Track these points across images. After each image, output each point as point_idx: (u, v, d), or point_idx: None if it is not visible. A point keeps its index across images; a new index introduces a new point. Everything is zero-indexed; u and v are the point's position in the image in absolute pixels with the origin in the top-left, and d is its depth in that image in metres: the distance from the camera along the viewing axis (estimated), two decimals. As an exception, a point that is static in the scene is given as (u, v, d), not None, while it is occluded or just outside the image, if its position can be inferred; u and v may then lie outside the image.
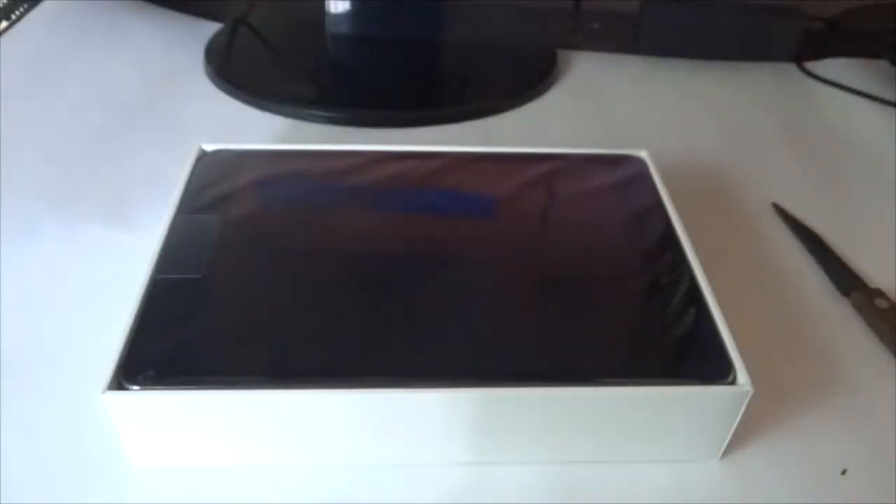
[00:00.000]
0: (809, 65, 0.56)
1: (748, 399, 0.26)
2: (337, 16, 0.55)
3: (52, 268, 0.36)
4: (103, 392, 0.24)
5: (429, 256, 0.30)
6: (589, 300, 0.28)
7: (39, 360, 0.31)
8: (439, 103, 0.47)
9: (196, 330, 0.26)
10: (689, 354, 0.26)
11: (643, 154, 0.37)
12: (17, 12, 0.58)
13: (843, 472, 0.28)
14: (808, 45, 0.58)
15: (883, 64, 0.56)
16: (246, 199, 0.32)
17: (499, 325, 0.27)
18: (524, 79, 0.52)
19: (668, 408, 0.25)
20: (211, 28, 0.56)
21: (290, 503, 0.26)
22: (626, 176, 0.36)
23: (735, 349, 0.27)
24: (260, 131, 0.46)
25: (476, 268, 0.30)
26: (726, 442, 0.27)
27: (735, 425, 0.27)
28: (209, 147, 0.36)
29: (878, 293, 0.35)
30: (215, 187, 0.33)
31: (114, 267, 0.36)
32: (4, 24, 0.56)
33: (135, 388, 0.24)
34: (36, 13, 0.58)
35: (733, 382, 0.26)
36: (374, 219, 0.32)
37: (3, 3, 0.58)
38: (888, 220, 0.42)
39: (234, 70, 0.51)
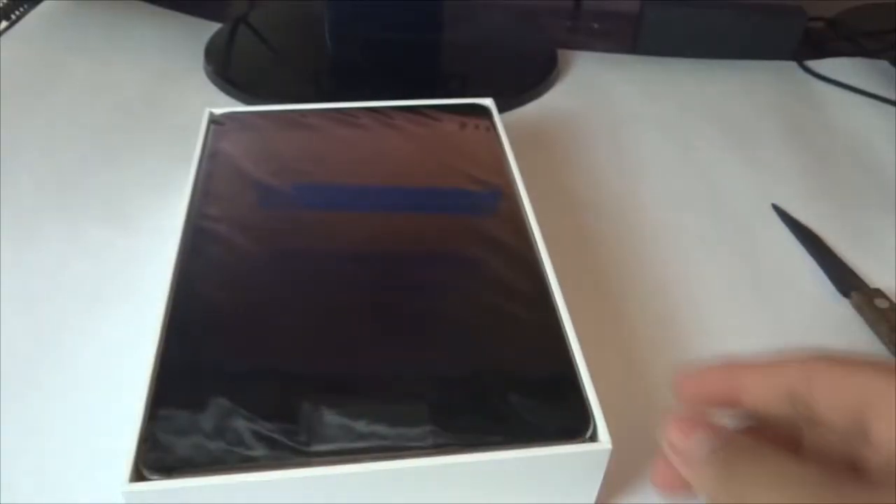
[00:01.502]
0: (811, 63, 0.56)
1: (608, 458, 0.23)
2: (337, 16, 0.55)
3: (52, 268, 0.36)
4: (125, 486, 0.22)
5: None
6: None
7: (40, 360, 0.31)
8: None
9: (212, 412, 0.24)
10: (541, 410, 0.24)
11: (488, 101, 0.39)
12: (17, 12, 0.58)
13: None
14: (809, 44, 0.58)
15: (883, 64, 0.56)
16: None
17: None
18: (524, 79, 0.52)
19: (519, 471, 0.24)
20: (211, 28, 0.56)
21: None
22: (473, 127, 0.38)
23: (596, 401, 0.24)
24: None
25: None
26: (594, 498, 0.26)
27: (599, 483, 0.25)
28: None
29: (878, 293, 0.35)
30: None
31: (114, 267, 0.36)
32: (4, 24, 0.56)
33: (156, 478, 0.22)
34: (36, 13, 0.58)
35: (593, 439, 0.23)
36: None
37: (3, 3, 0.58)
38: (888, 220, 0.42)
39: (234, 70, 0.51)
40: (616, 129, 0.48)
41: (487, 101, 0.40)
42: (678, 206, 0.42)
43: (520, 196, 0.33)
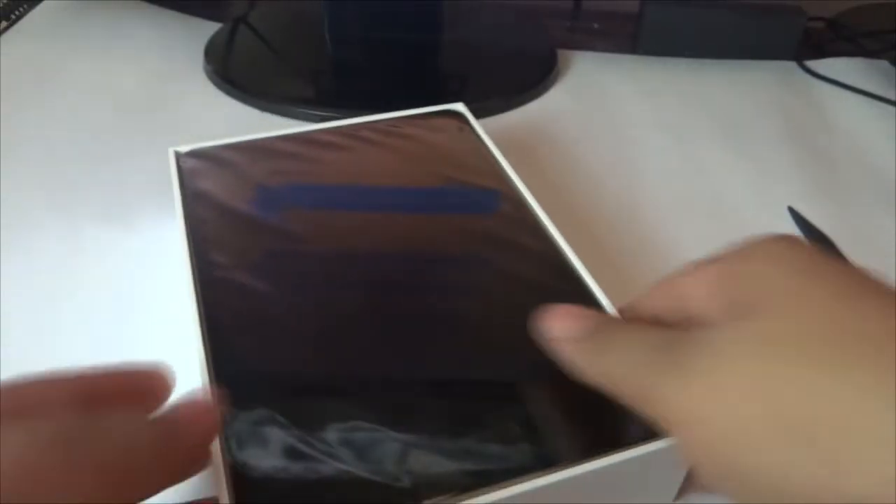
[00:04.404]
0: (811, 63, 0.56)
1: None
2: (337, 16, 0.55)
3: (53, 267, 0.36)
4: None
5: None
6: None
7: (39, 359, 0.31)
8: (439, 103, 0.47)
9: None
10: (608, 421, 0.23)
11: (459, 105, 0.39)
12: (17, 12, 0.58)
13: None
14: (809, 44, 0.58)
15: (883, 64, 0.56)
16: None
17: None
18: (524, 79, 0.52)
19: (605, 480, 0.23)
20: (211, 28, 0.56)
21: None
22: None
23: None
24: (259, 132, 0.46)
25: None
26: (678, 486, 0.25)
27: (683, 473, 0.25)
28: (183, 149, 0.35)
29: (879, 293, 0.35)
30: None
31: (114, 267, 0.36)
32: (4, 24, 0.56)
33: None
34: (36, 13, 0.58)
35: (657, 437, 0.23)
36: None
37: (3, 3, 0.58)
38: (888, 220, 0.41)
39: (233, 70, 0.51)
40: (616, 129, 0.48)
41: (459, 106, 0.39)
42: (678, 205, 0.42)
43: (522, 194, 0.33)
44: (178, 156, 0.35)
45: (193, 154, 0.35)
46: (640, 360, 0.20)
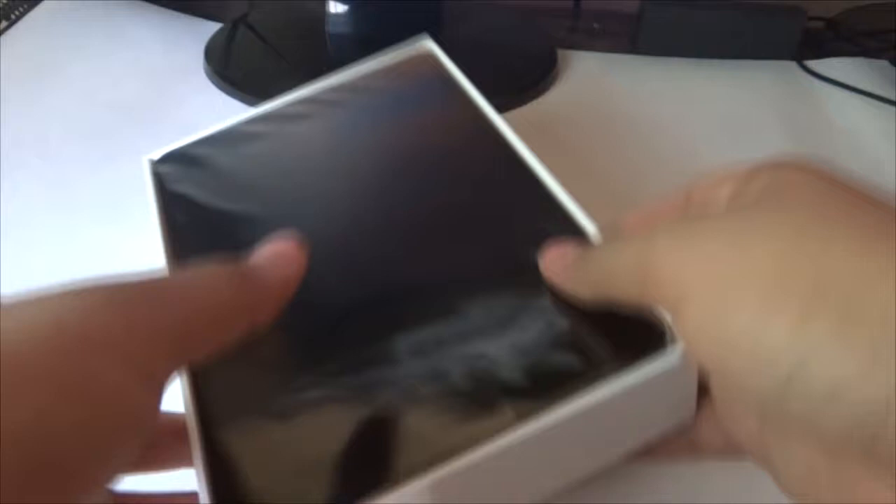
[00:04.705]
0: (811, 63, 0.56)
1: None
2: (337, 16, 0.55)
3: (51, 267, 0.36)
4: None
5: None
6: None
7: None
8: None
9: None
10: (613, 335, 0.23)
11: (428, 42, 0.38)
12: (17, 12, 0.58)
13: None
14: (808, 45, 0.58)
15: (883, 64, 0.56)
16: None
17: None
18: (524, 79, 0.52)
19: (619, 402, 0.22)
20: (211, 28, 0.56)
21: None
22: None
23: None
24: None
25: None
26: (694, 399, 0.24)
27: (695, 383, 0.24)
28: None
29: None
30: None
31: (113, 267, 0.36)
32: (4, 24, 0.56)
33: None
34: (36, 13, 0.58)
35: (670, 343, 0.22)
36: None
37: (3, 3, 0.58)
38: (888, 220, 0.41)
39: (234, 70, 0.51)
40: (615, 129, 0.48)
41: (427, 42, 0.37)
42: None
43: (499, 125, 0.33)
44: (151, 163, 0.34)
45: (167, 158, 0.34)
46: (626, 255, 0.19)
